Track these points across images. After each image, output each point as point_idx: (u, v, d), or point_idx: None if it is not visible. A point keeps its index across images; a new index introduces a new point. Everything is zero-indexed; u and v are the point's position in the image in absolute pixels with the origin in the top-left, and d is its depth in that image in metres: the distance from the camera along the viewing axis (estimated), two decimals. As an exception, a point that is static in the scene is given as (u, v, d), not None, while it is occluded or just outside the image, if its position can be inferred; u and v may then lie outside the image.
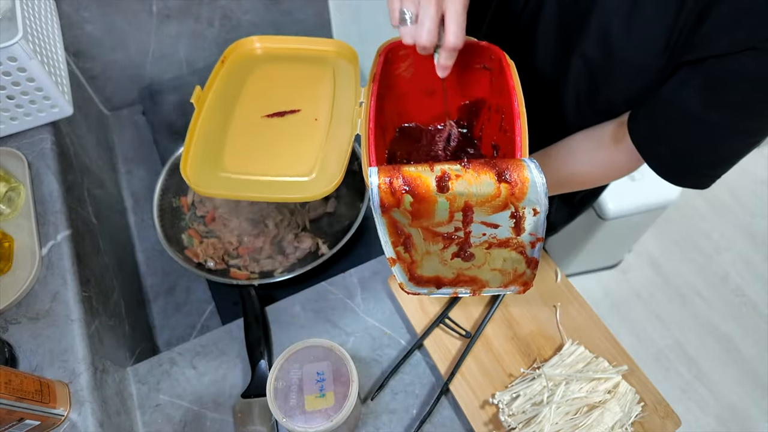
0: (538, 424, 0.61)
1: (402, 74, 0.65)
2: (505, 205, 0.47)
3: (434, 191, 0.46)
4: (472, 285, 0.55)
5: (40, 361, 0.60)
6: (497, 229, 0.49)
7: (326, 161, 0.61)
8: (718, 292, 1.77)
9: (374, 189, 0.46)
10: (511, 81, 0.56)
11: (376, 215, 0.48)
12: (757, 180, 2.05)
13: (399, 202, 0.46)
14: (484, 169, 0.46)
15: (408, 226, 0.49)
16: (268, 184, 0.59)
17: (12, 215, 0.70)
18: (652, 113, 0.57)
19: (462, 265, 0.53)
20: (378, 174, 0.46)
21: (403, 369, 0.71)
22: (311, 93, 0.68)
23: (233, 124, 0.65)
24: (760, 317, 1.71)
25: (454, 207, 0.47)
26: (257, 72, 0.70)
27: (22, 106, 0.72)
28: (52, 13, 0.84)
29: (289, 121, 0.65)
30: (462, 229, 0.49)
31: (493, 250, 0.51)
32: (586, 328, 0.71)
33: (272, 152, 0.62)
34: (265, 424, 0.65)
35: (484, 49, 0.60)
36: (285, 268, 0.87)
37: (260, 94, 0.68)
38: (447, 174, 0.46)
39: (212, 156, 0.62)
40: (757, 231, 1.91)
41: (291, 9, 1.16)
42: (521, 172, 0.46)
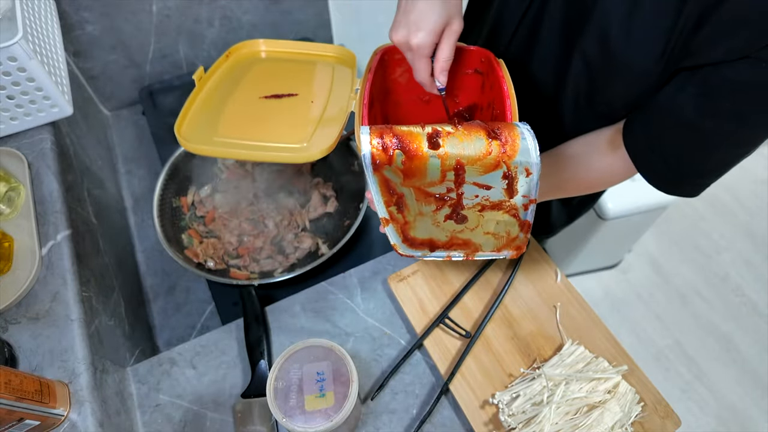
0: (538, 424, 0.61)
1: (398, 80, 0.66)
2: (497, 164, 0.47)
3: (425, 147, 0.46)
4: (465, 248, 0.55)
5: (40, 361, 0.60)
6: (490, 191, 0.49)
7: (319, 134, 0.63)
8: (718, 292, 1.77)
9: (365, 145, 0.47)
10: (500, 71, 0.57)
11: (368, 173, 0.48)
12: (757, 180, 2.05)
13: (391, 159, 0.47)
14: (474, 127, 0.47)
15: (400, 185, 0.49)
16: (261, 148, 0.62)
17: (12, 215, 0.70)
18: (646, 120, 0.57)
19: (455, 227, 0.53)
20: (370, 132, 0.47)
21: (403, 369, 0.71)
22: (310, 82, 0.71)
23: (231, 100, 0.68)
24: (760, 317, 1.71)
25: (445, 165, 0.47)
26: (259, 66, 0.74)
27: (22, 106, 0.72)
28: (52, 13, 0.84)
29: (286, 102, 0.68)
30: (454, 190, 0.50)
31: (486, 212, 0.51)
32: (586, 328, 0.71)
33: (267, 125, 0.65)
34: (265, 424, 0.65)
35: (474, 54, 0.61)
36: (285, 268, 0.87)
37: (260, 81, 0.71)
38: (438, 131, 0.46)
39: (208, 122, 0.65)
40: (757, 231, 1.91)
41: (291, 9, 1.16)
42: (512, 131, 0.46)
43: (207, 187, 0.96)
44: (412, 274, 0.76)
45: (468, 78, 0.64)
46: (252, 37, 1.17)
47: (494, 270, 0.77)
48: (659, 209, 1.43)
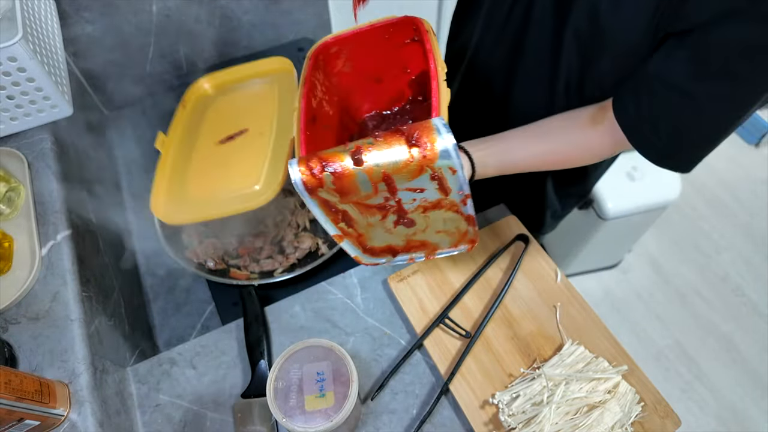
0: (538, 424, 0.61)
1: (342, 70, 0.66)
2: (421, 169, 0.48)
3: (351, 165, 0.48)
4: (425, 249, 0.58)
5: (40, 361, 0.60)
6: (425, 193, 0.50)
7: (269, 170, 0.67)
8: (718, 292, 1.77)
9: (294, 173, 0.49)
10: (429, 44, 0.57)
11: (305, 198, 0.51)
12: (757, 180, 2.05)
13: (321, 181, 0.49)
14: (394, 137, 0.47)
15: (339, 203, 0.51)
16: (224, 202, 0.67)
17: (12, 215, 0.70)
18: (637, 90, 0.57)
19: (407, 231, 0.55)
20: (297, 162, 0.50)
21: (403, 369, 0.71)
22: (257, 112, 0.75)
23: (194, 157, 0.73)
24: (760, 317, 1.71)
25: (374, 178, 0.49)
26: (211, 108, 0.79)
27: (22, 106, 0.72)
28: (52, 13, 0.84)
29: (239, 141, 0.72)
30: (392, 198, 0.51)
31: (430, 213, 0.53)
32: (586, 328, 0.71)
33: (226, 172, 0.70)
34: (265, 424, 0.65)
35: (404, 23, 0.60)
36: (285, 268, 0.87)
37: (214, 126, 0.76)
38: (360, 148, 0.48)
39: (177, 189, 0.70)
40: (757, 231, 1.91)
41: (291, 9, 1.16)
42: (430, 135, 0.47)
43: (207, 187, 0.96)
44: (412, 274, 0.76)
45: (408, 47, 0.64)
46: (252, 37, 1.17)
47: (494, 270, 0.77)
48: (659, 209, 1.43)
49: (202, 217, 0.68)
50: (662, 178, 1.40)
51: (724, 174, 2.07)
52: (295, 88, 0.72)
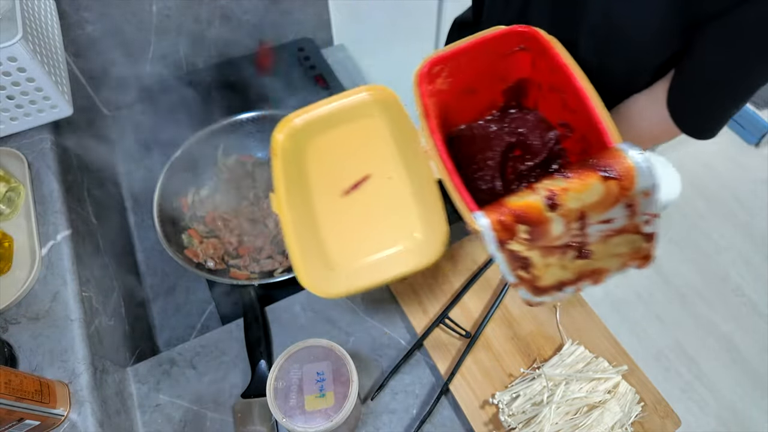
0: (538, 424, 0.61)
1: (440, 88, 0.62)
2: (617, 200, 0.46)
3: (547, 211, 0.45)
4: (594, 276, 0.54)
5: (39, 361, 0.60)
6: (613, 222, 0.48)
7: (423, 216, 0.58)
8: (718, 292, 1.77)
9: (487, 231, 0.45)
10: (561, 59, 0.54)
11: (494, 252, 0.47)
12: (757, 180, 2.05)
13: (513, 233, 0.46)
14: (586, 173, 0.45)
15: (525, 251, 0.48)
16: (382, 263, 0.57)
17: (12, 215, 0.70)
18: (683, 81, 0.59)
19: (581, 263, 0.52)
20: (485, 215, 0.45)
21: (403, 369, 0.71)
22: (371, 152, 0.64)
23: (319, 217, 0.61)
24: (760, 317, 1.71)
25: (569, 219, 0.46)
26: (310, 152, 0.65)
27: (22, 106, 0.72)
28: (52, 13, 0.84)
29: (366, 189, 0.62)
30: (579, 236, 0.49)
31: (610, 239, 0.50)
32: (586, 328, 0.71)
33: (368, 229, 0.60)
34: (265, 424, 0.65)
35: (516, 35, 0.58)
36: (285, 268, 0.87)
37: (325, 174, 0.64)
38: (553, 192, 0.45)
39: (317, 256, 0.59)
40: (757, 231, 1.91)
41: (291, 9, 1.16)
42: (623, 163, 0.45)
43: (207, 187, 0.96)
44: (412, 274, 0.76)
45: (513, 56, 0.61)
46: (252, 37, 1.17)
47: (494, 270, 0.77)
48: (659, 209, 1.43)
49: (365, 285, 0.57)
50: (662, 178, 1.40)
51: (724, 174, 2.07)
52: (405, 117, 0.63)
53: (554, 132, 0.61)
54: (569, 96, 0.55)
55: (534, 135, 0.62)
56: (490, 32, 0.57)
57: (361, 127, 0.65)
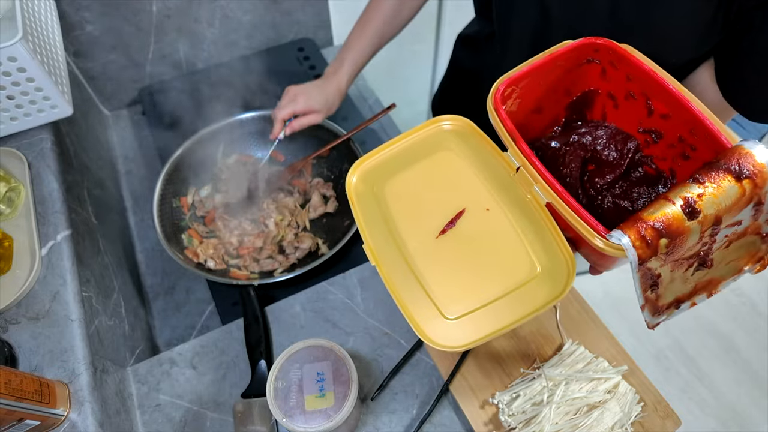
0: (538, 424, 0.61)
1: (510, 110, 0.59)
2: (750, 200, 0.45)
3: (686, 221, 0.43)
4: (708, 287, 0.51)
5: (39, 361, 0.60)
6: (740, 225, 0.47)
7: (539, 245, 0.52)
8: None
9: (630, 251, 0.43)
10: (645, 65, 0.53)
11: (633, 273, 0.45)
12: (757, 180, 2.05)
13: (656, 249, 0.44)
14: (719, 175, 0.44)
15: (659, 267, 0.47)
16: (504, 306, 0.51)
17: (12, 215, 0.70)
18: (738, 69, 0.59)
19: (701, 274, 0.50)
20: (626, 234, 0.43)
21: (403, 369, 0.71)
22: (459, 186, 0.57)
23: (417, 263, 0.54)
24: (760, 317, 1.71)
25: (705, 226, 0.44)
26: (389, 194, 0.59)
27: (22, 106, 0.72)
28: (52, 13, 0.84)
29: (464, 226, 0.55)
30: (708, 243, 0.47)
31: (732, 245, 0.48)
32: (586, 328, 0.71)
33: (477, 269, 0.53)
34: (265, 424, 0.65)
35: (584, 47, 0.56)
36: (285, 268, 0.87)
37: (412, 216, 0.57)
38: (690, 200, 0.44)
39: (429, 307, 0.52)
40: (757, 231, 1.91)
41: (291, 9, 1.16)
42: (754, 160, 0.44)
43: (207, 187, 0.96)
44: (412, 274, 0.76)
45: (580, 69, 0.59)
46: (252, 38, 1.17)
47: (494, 270, 0.77)
48: (659, 209, 1.43)
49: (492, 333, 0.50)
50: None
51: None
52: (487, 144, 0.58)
53: (634, 141, 0.60)
54: (657, 101, 0.54)
55: (609, 147, 0.61)
56: (561, 47, 0.55)
57: (440, 160, 0.59)
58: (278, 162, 1.00)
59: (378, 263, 0.54)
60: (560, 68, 0.57)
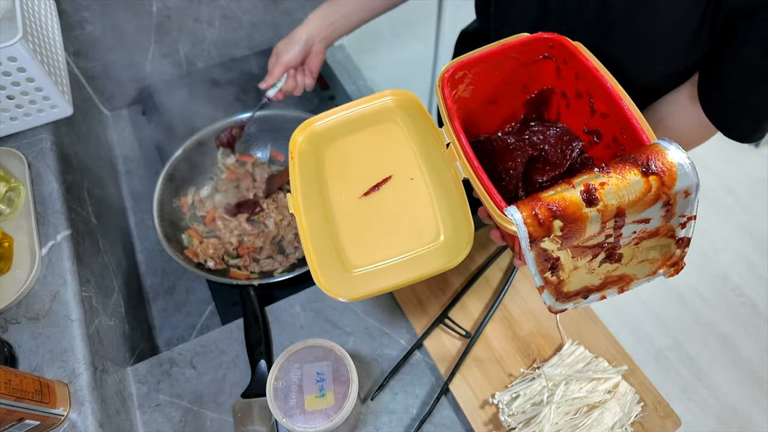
0: (538, 424, 0.61)
1: (462, 96, 0.61)
2: (657, 198, 0.44)
3: (584, 207, 0.43)
4: (620, 283, 0.52)
5: (39, 361, 0.60)
6: (648, 223, 0.46)
7: (448, 216, 0.56)
8: (718, 292, 1.77)
9: (521, 226, 0.43)
10: (589, 62, 0.53)
11: (525, 250, 0.45)
12: (757, 180, 2.05)
13: (549, 230, 0.44)
14: (626, 167, 0.44)
15: (556, 251, 0.46)
16: (403, 266, 0.55)
17: (12, 215, 0.70)
18: (719, 83, 0.58)
19: (609, 268, 0.50)
20: (519, 210, 0.44)
21: (403, 369, 0.71)
22: (393, 155, 0.62)
23: (337, 218, 0.59)
24: (760, 317, 1.71)
25: (606, 217, 0.44)
26: (329, 155, 0.64)
27: (22, 106, 0.72)
28: (52, 13, 0.84)
29: (387, 191, 0.60)
30: (612, 236, 0.47)
31: (642, 243, 0.48)
32: (586, 328, 0.71)
33: (388, 231, 0.57)
34: (265, 424, 0.65)
35: (540, 41, 0.57)
36: (285, 268, 0.87)
37: (344, 177, 0.62)
38: (591, 186, 0.44)
39: (335, 258, 0.57)
40: (757, 231, 1.91)
41: (291, 9, 1.16)
42: (664, 158, 0.43)
43: (207, 187, 0.96)
44: (412, 274, 0.76)
45: (536, 65, 0.60)
46: (252, 37, 1.17)
47: (494, 270, 0.77)
48: (659, 209, 1.43)
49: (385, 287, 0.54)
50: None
51: (724, 174, 2.07)
52: (428, 121, 0.61)
53: (579, 143, 0.60)
54: (598, 100, 0.55)
55: (556, 147, 0.62)
56: (515, 38, 0.56)
57: (383, 130, 0.64)
58: (278, 162, 1.00)
59: (297, 212, 0.59)
60: (515, 60, 0.57)
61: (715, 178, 2.05)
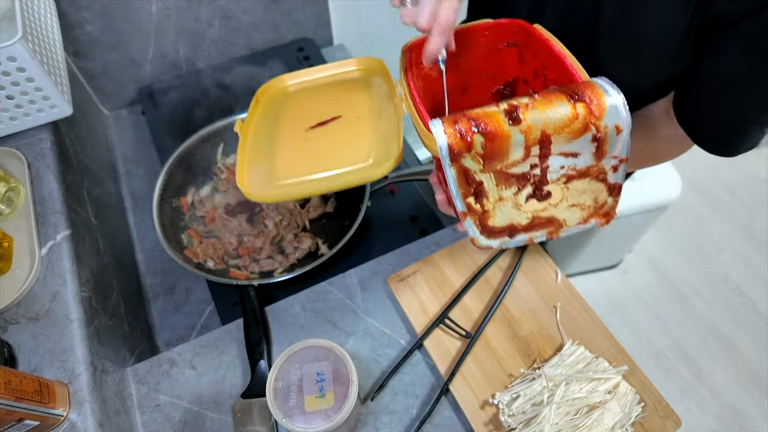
0: (538, 424, 0.61)
1: (429, 74, 0.63)
2: (585, 128, 0.43)
3: (507, 125, 0.43)
4: (549, 227, 0.51)
5: (39, 361, 0.60)
6: (577, 158, 0.46)
7: (380, 145, 0.59)
8: (718, 292, 1.77)
9: (440, 136, 0.43)
10: (542, 35, 0.54)
11: (446, 166, 0.45)
12: (757, 180, 2.05)
13: (470, 145, 0.43)
14: (554, 94, 0.43)
15: (479, 172, 0.46)
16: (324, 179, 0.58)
17: (11, 215, 0.70)
18: (695, 93, 0.57)
19: (537, 206, 0.50)
20: (442, 122, 0.44)
21: (403, 369, 0.70)
22: (348, 101, 0.67)
23: (279, 143, 0.64)
24: (760, 317, 1.71)
25: (529, 140, 0.44)
26: (293, 101, 0.70)
27: (22, 106, 0.72)
28: (51, 13, 0.84)
29: (333, 126, 0.64)
30: (539, 165, 0.46)
31: (572, 183, 0.48)
32: (586, 328, 0.71)
33: (323, 154, 0.61)
34: (264, 424, 0.65)
35: (502, 27, 0.58)
36: (285, 268, 0.87)
37: (299, 114, 0.67)
38: (516, 106, 0.43)
39: (265, 171, 0.61)
40: (757, 231, 1.91)
41: (291, 9, 1.16)
42: (594, 89, 0.43)
43: (207, 187, 0.96)
44: (412, 274, 0.76)
45: (502, 53, 0.61)
46: (252, 38, 1.17)
47: (494, 270, 0.77)
48: (659, 209, 1.43)
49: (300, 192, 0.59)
50: (662, 178, 1.40)
51: (724, 174, 2.07)
52: (390, 84, 0.65)
53: None
54: (550, 71, 0.55)
55: None
56: (480, 22, 0.58)
57: (345, 85, 0.70)
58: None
59: (243, 133, 0.65)
60: (482, 45, 0.58)
61: (716, 178, 2.05)
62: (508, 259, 0.78)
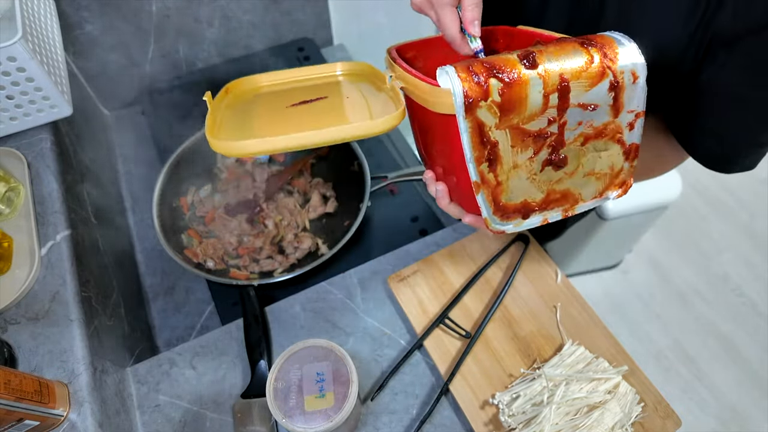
0: (539, 424, 0.61)
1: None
2: (602, 73, 0.42)
3: (524, 69, 0.40)
4: (564, 203, 0.49)
5: (39, 362, 0.60)
6: (595, 112, 0.44)
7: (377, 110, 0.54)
8: (718, 292, 1.77)
9: (455, 81, 0.40)
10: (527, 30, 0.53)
11: (460, 120, 0.41)
12: (757, 180, 2.05)
13: (487, 92, 0.40)
14: (566, 42, 0.42)
15: (495, 128, 0.43)
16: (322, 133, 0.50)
17: (11, 215, 0.70)
18: (692, 108, 0.57)
19: (552, 177, 0.47)
20: (455, 68, 0.40)
21: (403, 369, 0.70)
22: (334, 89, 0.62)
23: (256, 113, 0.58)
24: (760, 317, 1.71)
25: (548, 87, 0.41)
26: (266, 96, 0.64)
27: (22, 106, 0.72)
28: (51, 13, 0.84)
29: (318, 105, 0.58)
30: (556, 121, 0.44)
31: (588, 144, 0.46)
32: (586, 328, 0.71)
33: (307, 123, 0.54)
34: (264, 425, 0.65)
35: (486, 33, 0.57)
36: (285, 268, 0.87)
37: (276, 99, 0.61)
38: (531, 51, 0.41)
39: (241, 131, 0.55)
40: (757, 231, 1.91)
41: (291, 9, 1.16)
42: (604, 38, 0.42)
43: (207, 187, 0.96)
44: (412, 274, 0.76)
45: None
46: (252, 38, 1.17)
47: (494, 270, 0.77)
48: (659, 209, 1.43)
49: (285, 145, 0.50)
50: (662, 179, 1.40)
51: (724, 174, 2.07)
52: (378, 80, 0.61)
53: None
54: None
55: None
56: None
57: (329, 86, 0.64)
58: (278, 162, 1.00)
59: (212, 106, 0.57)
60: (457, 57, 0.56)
61: (716, 177, 2.05)
62: (508, 259, 0.78)
